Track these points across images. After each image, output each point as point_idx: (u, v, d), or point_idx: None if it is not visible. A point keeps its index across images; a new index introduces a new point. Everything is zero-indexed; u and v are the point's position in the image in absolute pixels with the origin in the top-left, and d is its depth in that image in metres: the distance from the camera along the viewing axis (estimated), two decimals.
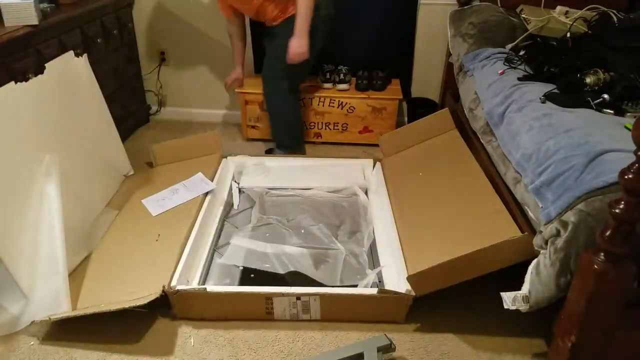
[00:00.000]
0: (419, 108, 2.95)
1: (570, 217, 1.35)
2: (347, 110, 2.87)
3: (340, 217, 2.24)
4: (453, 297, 1.72)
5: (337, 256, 1.98)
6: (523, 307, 1.46)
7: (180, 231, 1.97)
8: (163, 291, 1.65)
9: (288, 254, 1.98)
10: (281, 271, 1.90)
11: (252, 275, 1.89)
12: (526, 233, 1.60)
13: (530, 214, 1.61)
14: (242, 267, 1.93)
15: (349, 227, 2.17)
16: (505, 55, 2.25)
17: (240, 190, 2.43)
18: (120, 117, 2.78)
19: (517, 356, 1.61)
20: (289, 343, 1.65)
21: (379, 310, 1.70)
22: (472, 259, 1.57)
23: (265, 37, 2.58)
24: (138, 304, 1.59)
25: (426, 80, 3.07)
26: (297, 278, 1.86)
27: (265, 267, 1.93)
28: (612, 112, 1.76)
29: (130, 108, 2.98)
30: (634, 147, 1.12)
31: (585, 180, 1.38)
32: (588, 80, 1.89)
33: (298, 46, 2.32)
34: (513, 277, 1.54)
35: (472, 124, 2.23)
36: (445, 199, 2.04)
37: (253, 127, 2.97)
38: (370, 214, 2.24)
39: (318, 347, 1.64)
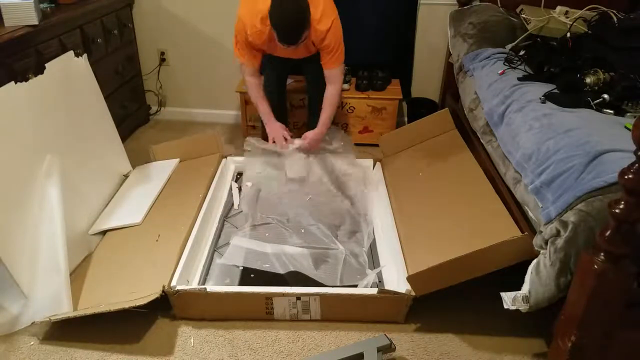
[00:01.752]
0: (419, 108, 2.95)
1: (570, 217, 1.35)
2: (347, 110, 2.87)
3: (340, 217, 2.23)
4: (453, 297, 1.72)
5: (337, 256, 1.98)
6: (523, 307, 1.46)
7: (180, 231, 1.97)
8: (163, 291, 1.65)
9: (288, 254, 1.98)
10: (281, 271, 1.91)
11: (252, 275, 1.89)
12: (526, 233, 1.60)
13: (530, 214, 1.61)
14: (242, 267, 1.93)
15: (349, 227, 2.17)
16: (505, 56, 2.25)
17: (240, 190, 2.43)
18: (120, 117, 2.78)
19: (517, 356, 1.61)
20: (289, 343, 1.65)
21: (379, 310, 1.70)
22: (472, 259, 1.57)
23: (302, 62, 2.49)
24: (138, 304, 1.59)
25: (426, 80, 3.07)
26: (297, 278, 1.86)
27: (265, 267, 1.93)
28: (612, 112, 1.76)
29: (130, 108, 2.98)
30: (634, 147, 1.12)
31: (585, 180, 1.38)
32: (588, 80, 1.89)
33: (315, 135, 2.40)
34: (513, 277, 1.54)
35: (472, 124, 2.23)
36: (445, 199, 2.03)
37: (253, 127, 2.97)
38: (370, 214, 2.24)
39: (318, 347, 1.64)
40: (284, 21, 2.02)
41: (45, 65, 2.01)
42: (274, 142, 2.45)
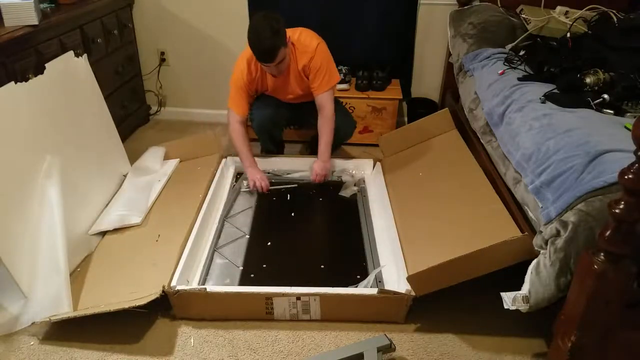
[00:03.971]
0: (419, 108, 2.95)
1: (570, 217, 1.35)
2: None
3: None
4: (453, 297, 1.72)
5: None
6: (523, 307, 1.46)
7: (180, 231, 1.97)
8: (163, 291, 1.65)
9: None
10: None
11: (252, 275, 1.89)
12: (526, 233, 1.60)
13: (530, 214, 1.61)
14: (241, 267, 1.93)
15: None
16: (505, 56, 2.26)
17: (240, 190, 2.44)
18: (120, 117, 2.78)
19: (517, 356, 1.61)
20: (289, 343, 1.65)
21: (379, 310, 1.70)
22: (472, 259, 1.57)
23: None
24: (138, 304, 1.59)
25: (426, 80, 3.07)
26: (297, 277, 1.85)
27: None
28: (612, 112, 1.76)
29: (130, 108, 2.99)
30: (634, 147, 1.12)
31: (585, 180, 1.38)
32: (588, 80, 1.89)
33: (323, 169, 2.39)
34: (513, 277, 1.54)
35: (472, 124, 2.23)
36: (445, 199, 2.03)
37: None
38: (371, 213, 2.24)
39: (318, 347, 1.64)
40: (258, 38, 2.04)
41: (45, 65, 2.02)
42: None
